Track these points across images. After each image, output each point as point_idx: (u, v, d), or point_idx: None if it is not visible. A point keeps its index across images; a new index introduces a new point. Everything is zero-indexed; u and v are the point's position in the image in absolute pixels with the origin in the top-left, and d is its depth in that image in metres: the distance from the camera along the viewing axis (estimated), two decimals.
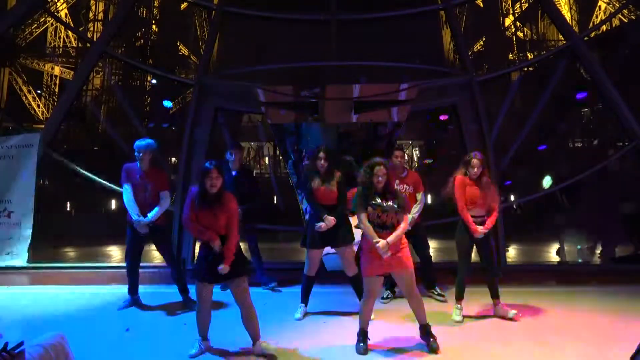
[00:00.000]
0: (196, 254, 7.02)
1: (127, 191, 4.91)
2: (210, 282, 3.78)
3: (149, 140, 4.98)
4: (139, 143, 4.92)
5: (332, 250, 4.88)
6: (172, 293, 5.27)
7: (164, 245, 5.16)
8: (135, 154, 4.92)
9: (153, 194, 4.95)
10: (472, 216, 4.62)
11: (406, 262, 3.85)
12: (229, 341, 3.95)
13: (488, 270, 4.72)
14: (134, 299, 5.13)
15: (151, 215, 4.87)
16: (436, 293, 5.37)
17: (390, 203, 3.83)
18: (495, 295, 4.72)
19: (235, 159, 5.61)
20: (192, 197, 3.73)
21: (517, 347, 3.92)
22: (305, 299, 4.85)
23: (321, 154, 4.66)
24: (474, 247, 4.73)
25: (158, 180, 4.99)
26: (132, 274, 5.13)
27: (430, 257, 5.53)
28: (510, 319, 4.59)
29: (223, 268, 3.60)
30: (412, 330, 4.11)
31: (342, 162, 4.78)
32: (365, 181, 3.87)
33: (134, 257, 5.13)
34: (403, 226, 3.86)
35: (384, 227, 3.82)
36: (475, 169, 4.56)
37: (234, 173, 5.55)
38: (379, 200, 3.83)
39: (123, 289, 5.23)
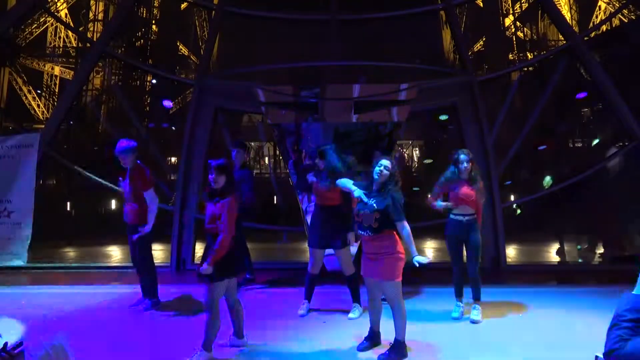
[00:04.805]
0: (197, 254, 7.10)
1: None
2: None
3: (131, 142, 4.89)
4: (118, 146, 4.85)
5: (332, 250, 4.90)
6: (168, 293, 5.27)
7: (138, 245, 4.90)
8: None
9: (132, 197, 4.83)
10: (459, 214, 4.59)
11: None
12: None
13: (469, 270, 4.64)
14: (156, 301, 5.04)
15: (150, 224, 4.79)
16: None
17: (372, 201, 3.66)
18: (476, 297, 4.64)
19: (236, 157, 5.59)
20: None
21: (517, 346, 3.92)
22: (308, 296, 4.87)
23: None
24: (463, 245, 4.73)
25: (136, 181, 4.83)
26: (155, 277, 5.04)
27: None
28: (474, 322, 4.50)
29: (206, 269, 3.53)
30: (412, 332, 4.11)
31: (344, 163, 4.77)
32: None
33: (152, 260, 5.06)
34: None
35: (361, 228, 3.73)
36: (465, 165, 4.55)
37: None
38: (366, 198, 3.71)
39: (123, 289, 5.23)
